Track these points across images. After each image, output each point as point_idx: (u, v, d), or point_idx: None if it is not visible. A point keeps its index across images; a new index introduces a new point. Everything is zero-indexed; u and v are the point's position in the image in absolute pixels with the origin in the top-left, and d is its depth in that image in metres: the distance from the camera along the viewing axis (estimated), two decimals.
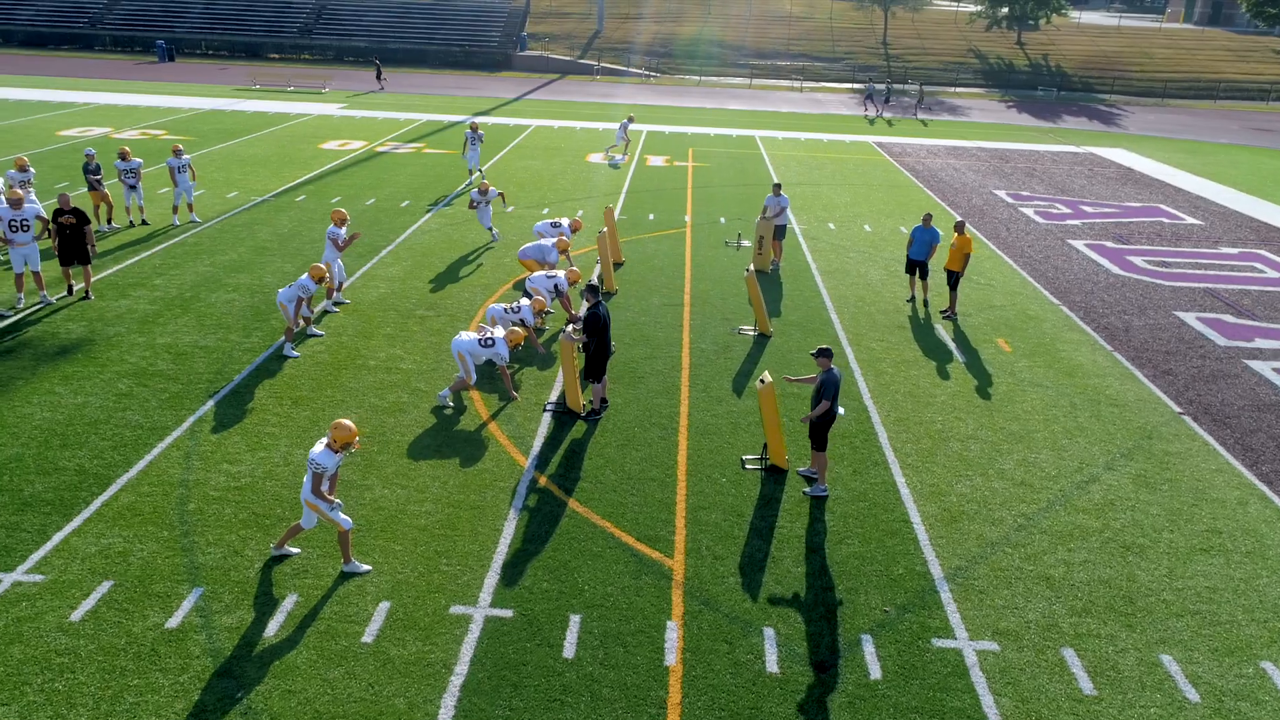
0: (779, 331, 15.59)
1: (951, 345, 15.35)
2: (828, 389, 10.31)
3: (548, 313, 14.77)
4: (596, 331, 11.73)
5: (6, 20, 61.91)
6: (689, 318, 16.02)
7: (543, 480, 10.68)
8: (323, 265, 13.78)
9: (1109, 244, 22.45)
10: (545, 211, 23.08)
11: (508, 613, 8.44)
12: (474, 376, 12.42)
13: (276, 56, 61.00)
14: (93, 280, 16.30)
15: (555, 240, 16.65)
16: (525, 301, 13.95)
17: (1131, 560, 9.67)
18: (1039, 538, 10.00)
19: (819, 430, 10.47)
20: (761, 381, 10.85)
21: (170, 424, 11.54)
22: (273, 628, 8.11)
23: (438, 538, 9.49)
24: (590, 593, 8.75)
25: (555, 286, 14.88)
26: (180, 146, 20.06)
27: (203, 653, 7.78)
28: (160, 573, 8.75)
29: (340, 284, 15.90)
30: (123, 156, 19.58)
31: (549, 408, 12.44)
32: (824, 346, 10.48)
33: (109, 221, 19.77)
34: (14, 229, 14.89)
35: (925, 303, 17.31)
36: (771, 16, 73.53)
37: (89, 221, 15.45)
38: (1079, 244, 22.34)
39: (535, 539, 9.55)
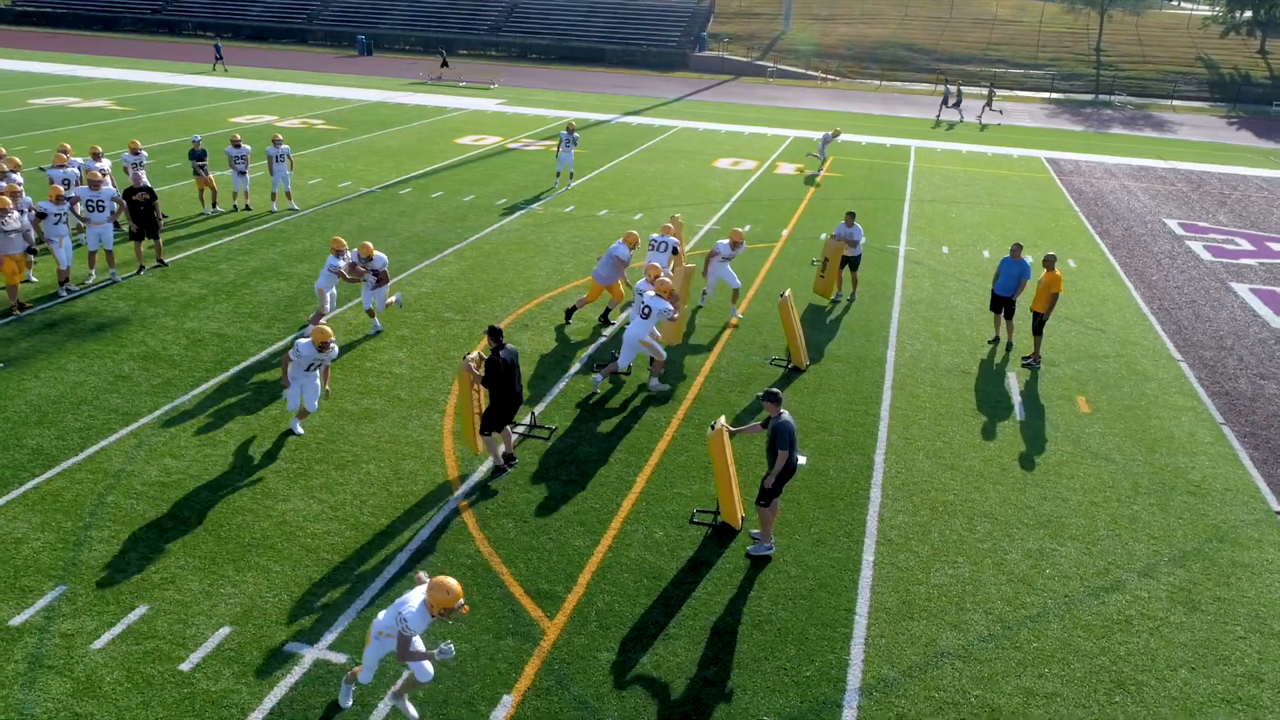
0: (818, 365, 14.00)
1: (1016, 399, 13.20)
2: (781, 437, 8.90)
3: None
4: (497, 380, 10.10)
5: (239, 16, 68.19)
6: (725, 342, 14.72)
7: (465, 511, 9.90)
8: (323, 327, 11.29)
9: None
10: (638, 217, 22.25)
11: (341, 658, 7.73)
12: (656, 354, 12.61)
13: (465, 52, 63.55)
14: (174, 259, 17.18)
15: (623, 238, 15.03)
16: (643, 282, 13.28)
17: (1119, 701, 7.66)
18: (1009, 654, 8.14)
19: (776, 482, 9.07)
20: (712, 427, 9.55)
21: (144, 410, 11.68)
22: (105, 640, 7.80)
23: (321, 562, 8.93)
24: None
25: (673, 249, 15.19)
26: (279, 136, 20.80)
27: (24, 658, 7.57)
28: (39, 565, 8.69)
29: (322, 314, 14.27)
30: (235, 143, 20.53)
31: (516, 428, 11.63)
32: (772, 389, 9.06)
33: (214, 205, 20.82)
34: (90, 209, 15.78)
35: (1009, 346, 15.07)
36: (973, 19, 68.94)
37: (156, 196, 16.35)
38: (1242, 287, 18.93)
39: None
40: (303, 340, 10.62)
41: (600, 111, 40.20)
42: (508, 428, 10.57)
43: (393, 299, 14.94)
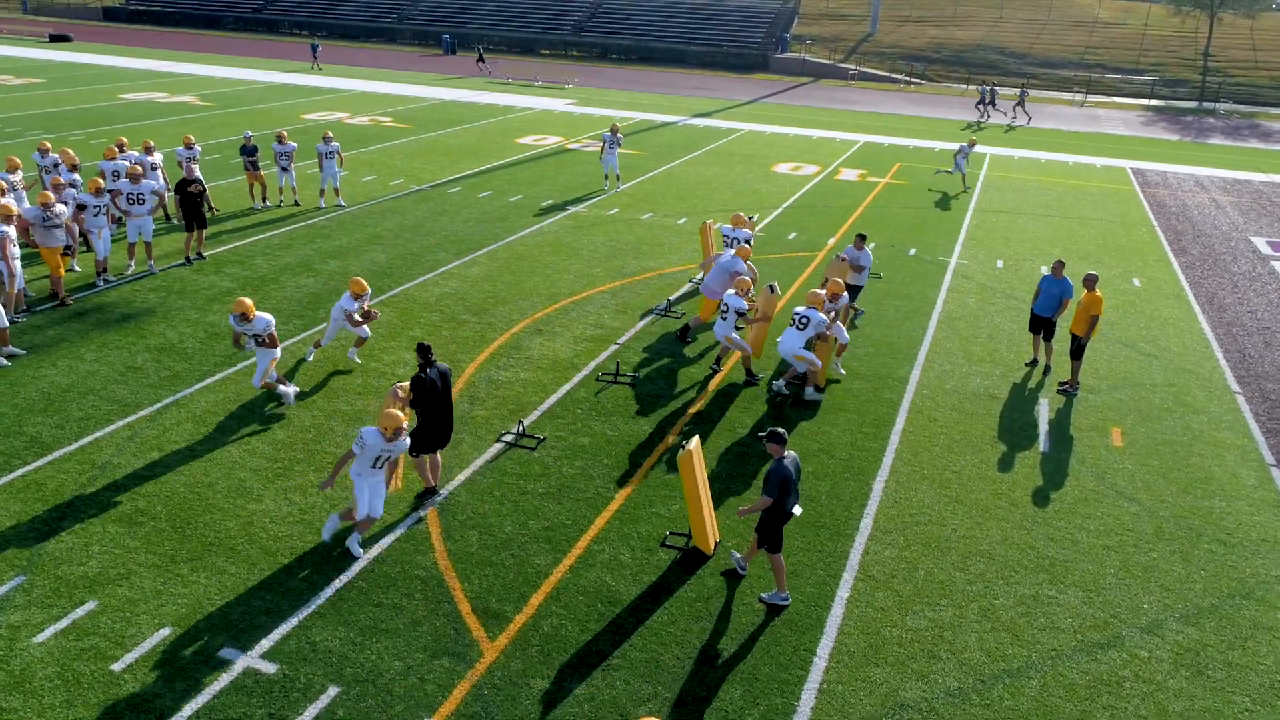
0: (834, 383, 13.36)
1: (1042, 428, 12.33)
2: (770, 484, 8.31)
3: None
4: (423, 399, 9.49)
5: (333, 15, 70.19)
6: (737, 357, 14.19)
7: (431, 520, 9.69)
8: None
9: None
10: (682, 222, 21.82)
11: (271, 668, 7.59)
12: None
13: (548, 52, 64.03)
14: (214, 252, 17.58)
15: (735, 251, 14.85)
16: (730, 293, 13.12)
17: None
18: (976, 711, 7.49)
19: (767, 528, 8.52)
20: (683, 446, 9.11)
21: (146, 403, 11.86)
22: (46, 634, 7.84)
23: (275, 567, 8.83)
24: (371, 665, 7.67)
25: (747, 240, 15.82)
26: (330, 134, 21.10)
27: None
28: (4, 555, 8.83)
29: (320, 344, 13.34)
30: (280, 140, 20.94)
31: (503, 437, 11.40)
32: (776, 430, 8.50)
33: (263, 200, 21.27)
34: (131, 201, 16.22)
35: (1046, 369, 14.14)
36: (1070, 22, 66.09)
37: (206, 189, 17.13)
38: None
39: (366, 587, 8.60)
40: (367, 429, 8.67)
41: (669, 113, 39.85)
42: (437, 454, 10.03)
43: (290, 390, 12.02)
